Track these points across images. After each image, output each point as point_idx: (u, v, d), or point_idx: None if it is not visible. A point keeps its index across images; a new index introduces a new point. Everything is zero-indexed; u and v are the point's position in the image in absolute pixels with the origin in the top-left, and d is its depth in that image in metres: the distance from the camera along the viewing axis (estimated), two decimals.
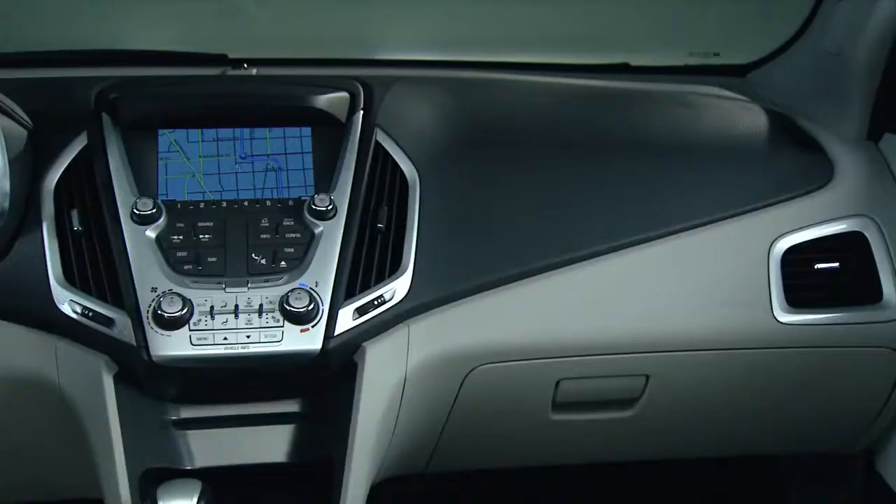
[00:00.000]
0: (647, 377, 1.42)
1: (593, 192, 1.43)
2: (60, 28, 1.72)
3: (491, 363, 1.35)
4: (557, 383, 1.40)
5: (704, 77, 1.78)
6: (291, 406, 1.30)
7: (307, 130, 1.39)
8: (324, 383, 1.29)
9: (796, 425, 1.58)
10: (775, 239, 1.42)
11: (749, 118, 1.61)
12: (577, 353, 1.37)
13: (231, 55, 1.66)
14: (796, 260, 1.42)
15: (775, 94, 1.74)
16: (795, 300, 1.42)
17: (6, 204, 1.22)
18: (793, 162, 1.52)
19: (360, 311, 1.26)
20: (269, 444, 1.28)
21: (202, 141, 1.37)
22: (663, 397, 1.44)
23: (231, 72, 1.60)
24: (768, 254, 1.41)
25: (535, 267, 1.36)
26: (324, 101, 1.39)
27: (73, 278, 1.24)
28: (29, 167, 1.29)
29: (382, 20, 1.89)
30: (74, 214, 1.26)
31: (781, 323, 1.40)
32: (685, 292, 1.40)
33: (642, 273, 1.39)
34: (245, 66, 1.61)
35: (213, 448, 1.26)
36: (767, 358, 1.43)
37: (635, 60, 1.80)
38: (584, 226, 1.40)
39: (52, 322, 1.23)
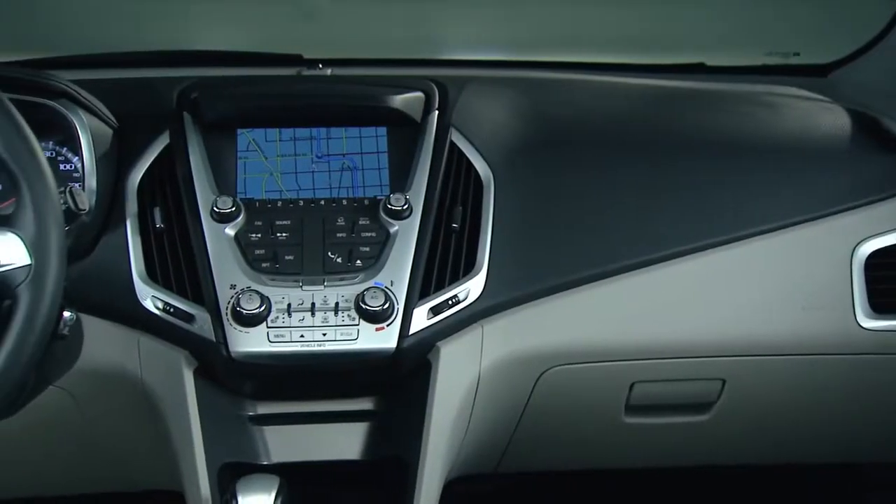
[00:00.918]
0: (724, 381, 1.40)
1: (669, 193, 1.42)
2: (142, 29, 1.76)
3: (564, 364, 1.35)
4: (631, 386, 1.39)
5: (783, 77, 1.75)
6: (365, 404, 1.31)
7: (382, 130, 1.40)
8: (397, 382, 1.30)
9: (878, 433, 1.54)
10: (859, 242, 1.39)
11: (831, 118, 1.57)
12: (652, 355, 1.36)
13: (305, 55, 1.67)
14: (881, 264, 1.39)
15: (858, 95, 1.70)
16: (879, 305, 1.38)
17: (93, 201, 1.25)
18: (877, 164, 1.49)
19: (435, 310, 1.26)
20: (343, 442, 1.29)
21: (280, 140, 1.39)
22: (740, 402, 1.42)
23: (306, 72, 1.61)
24: (851, 258, 1.38)
25: (611, 268, 1.35)
26: (399, 101, 1.39)
27: (155, 275, 1.26)
28: (114, 166, 1.32)
29: (454, 20, 1.90)
30: (157, 212, 1.29)
31: (864, 328, 1.37)
32: (764, 296, 1.37)
33: (720, 276, 1.37)
34: (320, 66, 1.63)
35: (288, 444, 1.28)
36: (849, 364, 1.40)
37: (711, 60, 1.78)
38: (661, 227, 1.38)
39: (135, 317, 1.25)
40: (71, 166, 1.32)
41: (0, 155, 1.00)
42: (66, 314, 1.09)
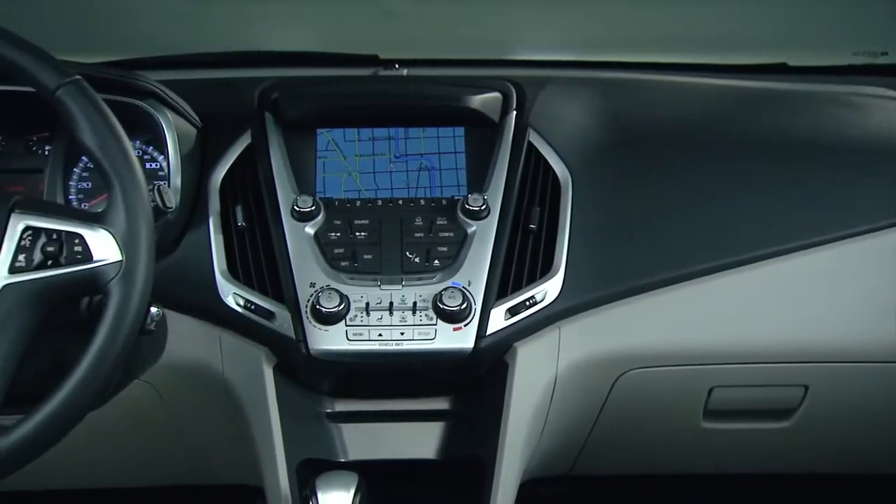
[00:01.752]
0: (806, 388, 1.37)
1: (751, 195, 1.39)
2: (222, 31, 1.78)
3: (642, 367, 1.34)
4: (710, 391, 1.37)
5: (869, 77, 1.70)
6: (441, 404, 1.32)
7: (460, 130, 1.41)
8: (473, 382, 1.30)
9: None
10: None
11: None
12: (732, 360, 1.34)
13: (381, 56, 1.68)
14: None
15: None
16: None
17: (177, 200, 1.28)
18: None
19: (512, 311, 1.26)
20: (420, 441, 1.29)
21: (358, 140, 1.40)
22: (823, 409, 1.39)
23: (383, 72, 1.62)
24: None
25: (690, 271, 1.34)
26: (478, 101, 1.39)
27: (236, 272, 1.28)
28: (197, 164, 1.35)
29: (529, 20, 1.89)
30: (239, 210, 1.31)
31: None
32: (849, 301, 1.34)
33: (803, 279, 1.34)
34: (396, 66, 1.63)
35: (365, 442, 1.29)
36: None
37: (794, 60, 1.74)
38: (741, 229, 1.36)
39: (217, 314, 1.27)
40: (156, 165, 1.35)
41: (94, 154, 1.02)
42: (153, 310, 1.12)
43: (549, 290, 1.28)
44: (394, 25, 1.86)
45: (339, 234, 1.30)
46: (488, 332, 1.24)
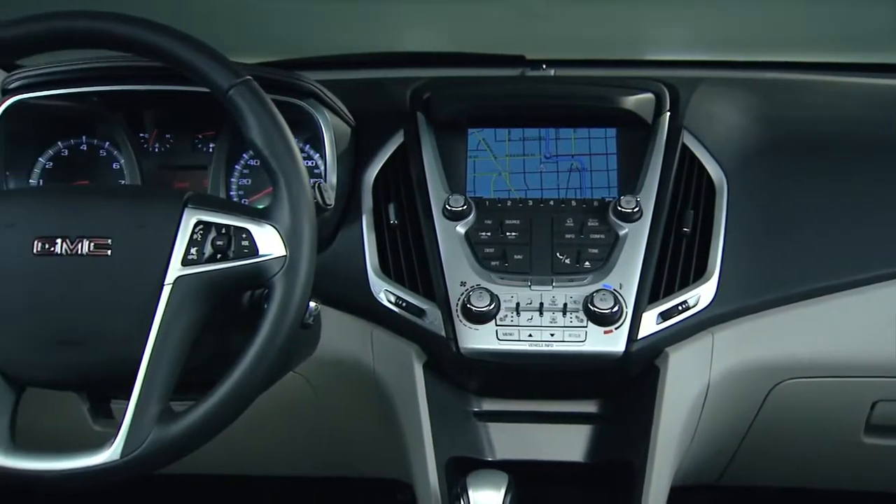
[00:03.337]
0: None
1: None
2: (369, 31, 1.82)
3: (799, 378, 1.29)
4: (873, 405, 1.31)
5: None
6: (589, 406, 1.31)
7: (612, 131, 1.39)
8: (622, 386, 1.29)
9: None
10: None
11: None
12: None
13: (528, 56, 1.68)
14: None
15: None
16: None
17: (333, 196, 1.31)
18: None
19: (664, 315, 1.24)
20: (567, 443, 1.29)
21: (509, 140, 1.40)
22: None
23: (530, 72, 1.61)
24: None
25: (851, 279, 1.29)
26: (631, 102, 1.37)
27: (388, 269, 1.30)
28: (351, 163, 1.38)
29: (676, 19, 1.85)
30: (391, 208, 1.33)
31: None
32: None
33: None
34: (544, 66, 1.63)
35: (512, 442, 1.29)
36: None
37: None
38: None
39: (369, 310, 1.30)
40: (312, 163, 1.38)
41: (262, 151, 1.05)
42: (311, 305, 1.15)
43: (702, 294, 1.26)
44: (539, 25, 1.85)
45: (489, 234, 1.31)
46: (639, 335, 1.23)
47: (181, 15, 1.25)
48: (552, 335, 1.23)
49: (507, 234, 1.31)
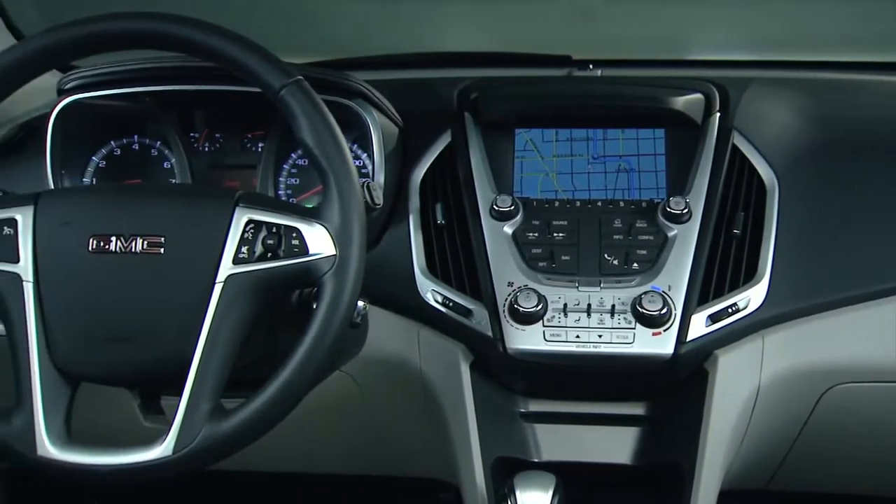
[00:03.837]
0: None
1: None
2: (418, 32, 1.82)
3: (852, 382, 1.27)
4: None
5: None
6: (637, 409, 1.30)
7: (661, 132, 1.38)
8: (670, 388, 1.28)
9: None
10: None
11: None
12: None
13: (574, 56, 1.67)
14: None
15: None
16: None
17: (382, 196, 1.31)
18: None
19: (714, 317, 1.23)
20: (615, 445, 1.28)
21: (556, 140, 1.40)
22: None
23: (577, 73, 1.61)
24: None
25: None
26: (681, 102, 1.36)
27: (435, 269, 1.30)
28: (398, 163, 1.38)
29: (723, 19, 1.83)
30: (438, 208, 1.33)
31: None
32: None
33: None
34: (590, 66, 1.62)
35: (559, 443, 1.29)
36: None
37: None
38: None
39: (416, 309, 1.30)
40: (360, 163, 1.39)
41: (312, 151, 1.06)
42: (359, 304, 1.15)
43: (752, 297, 1.24)
44: (585, 25, 1.85)
45: (537, 234, 1.30)
46: (688, 338, 1.22)
47: (230, 15, 1.26)
48: (600, 336, 1.22)
49: (555, 234, 1.30)
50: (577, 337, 1.23)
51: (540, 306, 1.23)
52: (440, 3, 1.86)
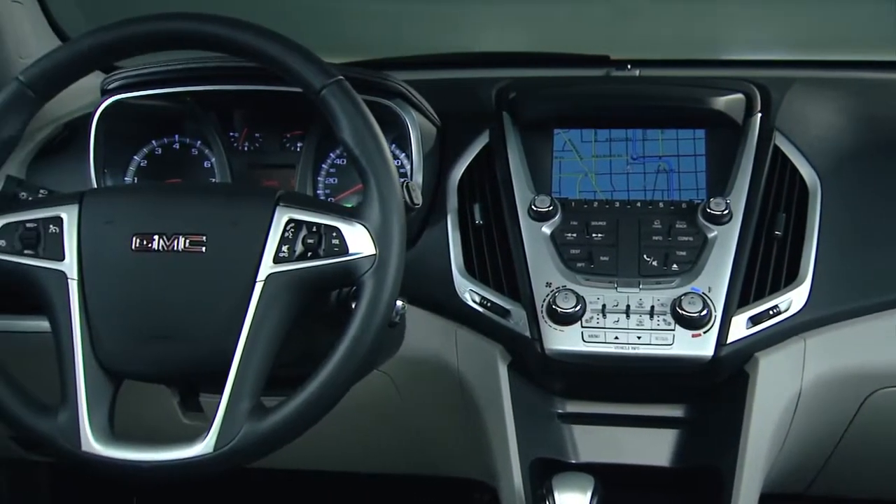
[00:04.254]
0: None
1: None
2: (456, 32, 1.82)
3: (895, 387, 1.25)
4: None
5: None
6: (675, 411, 1.29)
7: (701, 132, 1.37)
8: (709, 390, 1.27)
9: None
10: None
11: None
12: None
13: (612, 56, 1.66)
14: None
15: None
16: None
17: (421, 196, 1.31)
18: None
19: (754, 320, 1.22)
20: (653, 447, 1.27)
21: (595, 141, 1.39)
22: None
23: (615, 73, 1.60)
24: None
25: None
26: (722, 102, 1.35)
27: (472, 269, 1.30)
28: (437, 163, 1.38)
29: (764, 18, 1.82)
30: (476, 208, 1.33)
31: None
32: None
33: None
34: (629, 66, 1.61)
35: (597, 444, 1.28)
36: None
37: None
38: None
39: (453, 309, 1.30)
40: (398, 162, 1.39)
41: (353, 151, 1.06)
42: (398, 303, 1.15)
43: (794, 299, 1.23)
44: (622, 25, 1.84)
45: (575, 235, 1.30)
46: (729, 340, 1.21)
47: (267, 16, 1.27)
48: (639, 338, 1.22)
49: (593, 235, 1.30)
50: (616, 338, 1.22)
51: (578, 307, 1.22)
52: (478, 3, 1.86)
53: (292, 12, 1.77)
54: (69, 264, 1.06)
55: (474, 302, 1.28)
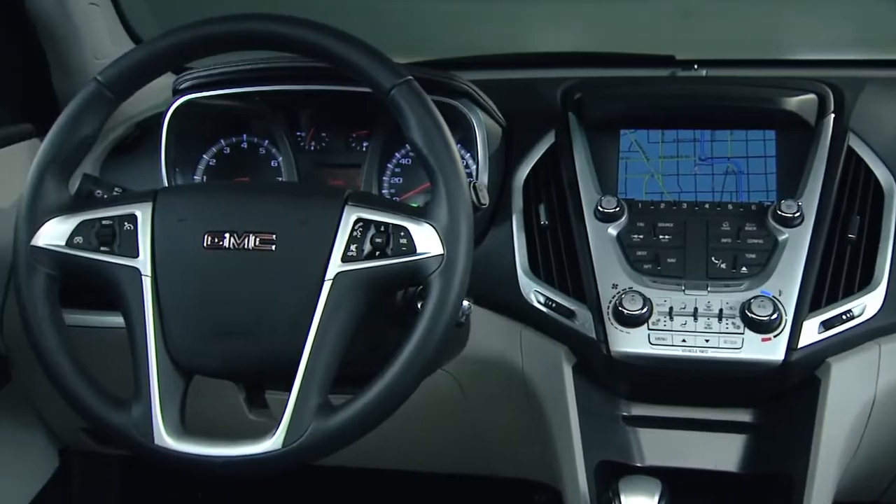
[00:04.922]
0: None
1: None
2: (520, 32, 1.82)
3: None
4: None
5: None
6: (744, 415, 1.27)
7: (771, 134, 1.35)
8: (779, 396, 1.24)
9: None
10: None
11: None
12: None
13: (678, 56, 1.64)
14: None
15: None
16: None
17: (487, 196, 1.31)
18: None
19: (826, 324, 1.20)
20: (721, 452, 1.26)
21: (662, 142, 1.38)
22: None
23: (681, 73, 1.58)
24: None
25: None
26: (794, 103, 1.33)
27: (537, 270, 1.30)
28: (502, 163, 1.38)
29: (834, 17, 1.78)
30: (542, 209, 1.32)
31: None
32: None
33: None
34: (695, 66, 1.59)
35: (663, 448, 1.27)
36: None
37: None
38: None
39: (518, 310, 1.29)
40: (464, 162, 1.39)
41: (421, 151, 1.07)
42: (464, 303, 1.15)
43: (868, 303, 1.21)
44: (687, 24, 1.82)
45: (642, 237, 1.29)
46: (800, 344, 1.19)
47: (334, 16, 1.28)
48: (707, 341, 1.20)
49: (660, 237, 1.28)
50: (683, 341, 1.20)
51: (645, 309, 1.21)
52: (542, 3, 1.86)
53: (357, 12, 1.77)
54: (143, 261, 1.08)
55: (539, 302, 1.28)
